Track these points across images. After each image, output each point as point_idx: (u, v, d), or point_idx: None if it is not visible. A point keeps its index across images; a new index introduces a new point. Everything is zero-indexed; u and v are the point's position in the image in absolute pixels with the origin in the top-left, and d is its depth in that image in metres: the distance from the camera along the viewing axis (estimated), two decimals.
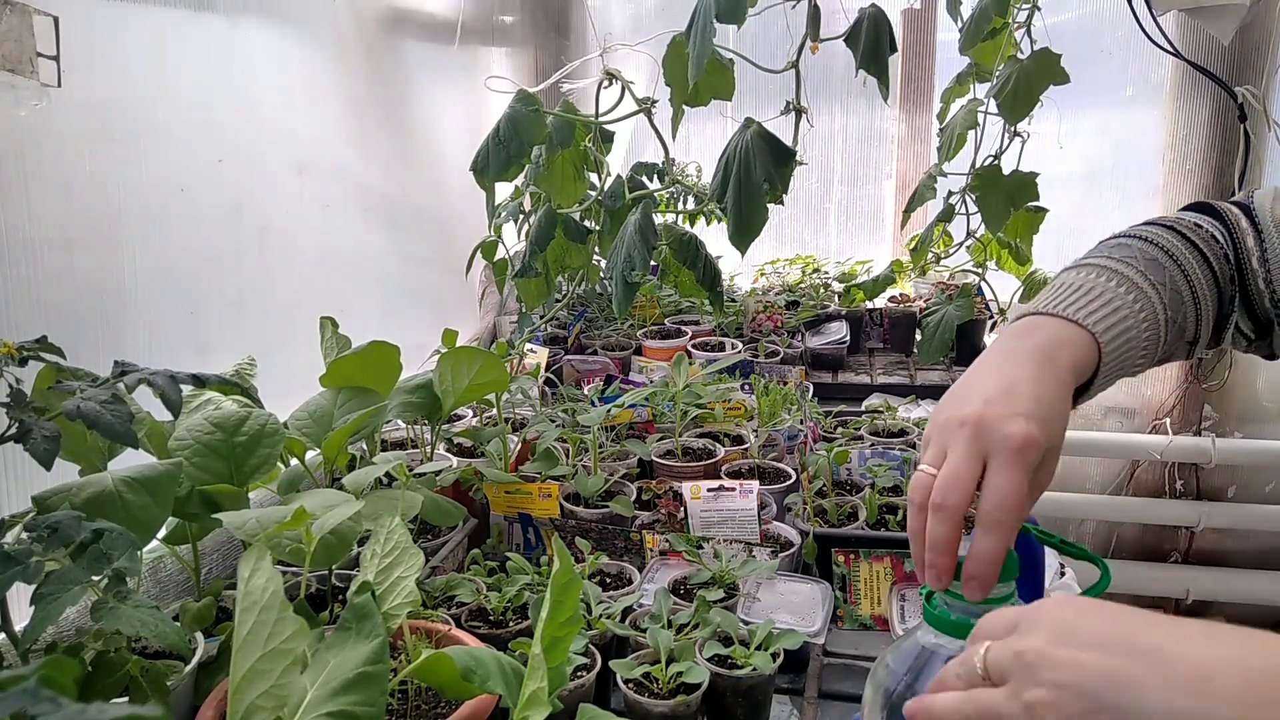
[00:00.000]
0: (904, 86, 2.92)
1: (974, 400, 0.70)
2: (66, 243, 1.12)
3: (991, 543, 0.66)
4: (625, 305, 1.56)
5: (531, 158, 1.66)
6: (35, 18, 1.00)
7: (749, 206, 1.42)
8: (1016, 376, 0.71)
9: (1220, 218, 0.88)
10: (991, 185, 2.22)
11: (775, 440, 1.65)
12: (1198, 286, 0.83)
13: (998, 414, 0.68)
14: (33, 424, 0.80)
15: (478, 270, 2.30)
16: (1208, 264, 0.84)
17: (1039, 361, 0.73)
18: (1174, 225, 0.86)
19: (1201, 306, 0.83)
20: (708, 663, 1.01)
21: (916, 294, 2.58)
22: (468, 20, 2.27)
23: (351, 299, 1.80)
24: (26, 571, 0.74)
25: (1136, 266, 0.81)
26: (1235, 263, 0.85)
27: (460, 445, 1.67)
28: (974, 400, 0.70)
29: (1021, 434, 0.67)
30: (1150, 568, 2.61)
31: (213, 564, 1.25)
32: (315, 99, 1.68)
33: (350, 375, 1.26)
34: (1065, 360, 0.74)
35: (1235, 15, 2.05)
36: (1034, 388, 0.70)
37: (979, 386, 0.72)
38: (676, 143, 1.67)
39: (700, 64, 1.41)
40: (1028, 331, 0.77)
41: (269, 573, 0.72)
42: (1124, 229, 0.89)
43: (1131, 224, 0.90)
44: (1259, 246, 0.85)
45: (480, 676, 0.79)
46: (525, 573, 1.20)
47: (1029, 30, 2.15)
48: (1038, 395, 0.70)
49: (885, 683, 0.69)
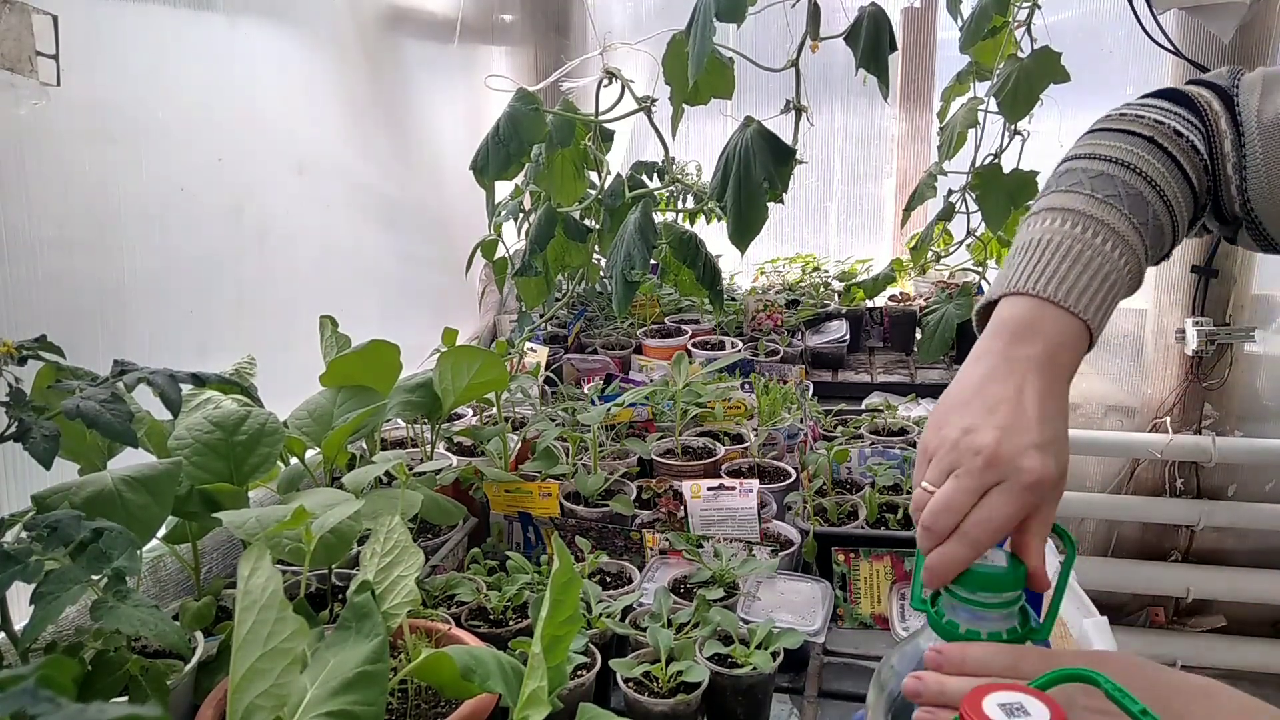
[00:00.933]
0: (904, 85, 2.92)
1: (986, 425, 0.67)
2: (66, 242, 1.12)
3: (959, 552, 0.65)
4: (625, 304, 1.56)
5: (531, 156, 1.66)
6: (34, 16, 1.00)
7: (749, 205, 1.42)
8: (1026, 396, 0.68)
9: (1198, 113, 0.83)
10: (992, 184, 2.22)
11: (775, 439, 1.65)
12: (1178, 213, 0.79)
13: (1015, 448, 0.66)
14: (32, 423, 0.80)
15: (478, 269, 2.30)
16: (1188, 182, 0.80)
17: (1046, 377, 0.69)
18: (1153, 137, 0.80)
19: (1179, 232, 0.80)
20: (708, 662, 1.01)
21: (916, 293, 2.58)
22: (467, 19, 2.27)
23: (351, 299, 1.80)
24: (26, 571, 0.74)
25: (1120, 209, 0.76)
26: (1209, 169, 0.82)
27: (460, 444, 1.67)
28: (986, 425, 0.67)
29: (1036, 472, 0.65)
30: (1150, 566, 2.60)
31: (213, 563, 1.25)
32: (315, 99, 1.68)
33: (350, 374, 1.26)
34: (1066, 364, 0.71)
35: (1235, 14, 2.05)
36: (1043, 408, 0.68)
37: (987, 402, 0.69)
38: (676, 141, 1.67)
39: (700, 62, 1.41)
40: (1025, 335, 0.72)
41: (269, 572, 0.72)
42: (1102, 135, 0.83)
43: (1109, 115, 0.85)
44: (1235, 151, 0.81)
45: (480, 676, 0.79)
46: (525, 572, 1.20)
47: (1029, 29, 2.15)
48: (1048, 417, 0.67)
49: (890, 685, 0.69)
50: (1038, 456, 0.65)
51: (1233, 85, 0.84)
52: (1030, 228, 0.78)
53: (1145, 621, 2.67)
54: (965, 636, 0.65)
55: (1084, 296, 0.72)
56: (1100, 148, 0.81)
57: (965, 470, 0.66)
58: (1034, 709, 0.55)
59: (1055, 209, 0.77)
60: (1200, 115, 0.83)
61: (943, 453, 0.69)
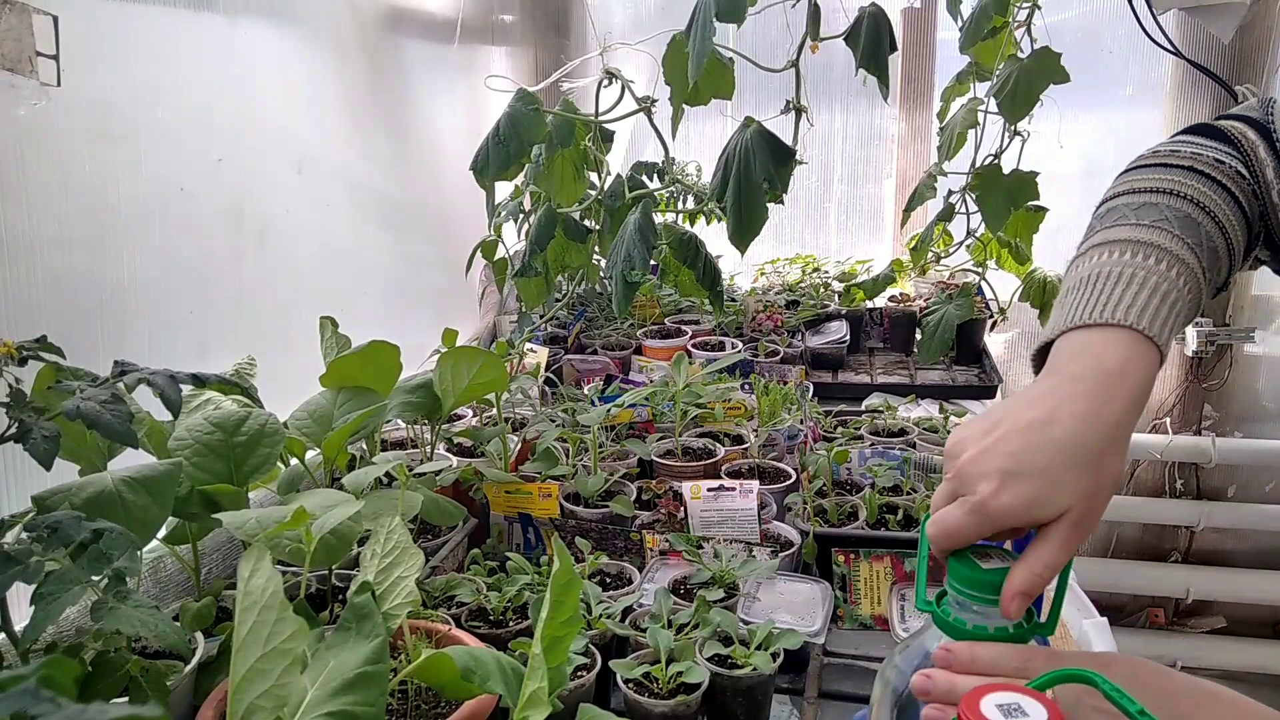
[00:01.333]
0: (904, 86, 2.91)
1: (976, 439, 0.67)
2: (66, 242, 1.12)
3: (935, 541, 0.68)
4: (625, 304, 1.56)
5: (531, 157, 1.66)
6: (35, 17, 1.00)
7: (749, 206, 1.42)
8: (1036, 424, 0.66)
9: (1234, 144, 0.80)
10: (991, 184, 2.22)
11: (775, 440, 1.65)
12: (1232, 236, 0.77)
13: (978, 470, 0.66)
14: (32, 424, 0.80)
15: (478, 270, 2.30)
16: (1238, 205, 0.77)
17: (1093, 401, 0.66)
18: (1193, 165, 0.78)
19: (1235, 255, 0.78)
20: (708, 662, 1.01)
21: (916, 293, 2.58)
22: (467, 19, 2.27)
23: (351, 299, 1.80)
24: (26, 571, 0.74)
25: (1171, 230, 0.73)
26: (1257, 195, 0.79)
27: (460, 445, 1.67)
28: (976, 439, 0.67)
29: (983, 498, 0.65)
30: (1150, 567, 2.61)
31: (213, 564, 1.25)
32: (315, 99, 1.68)
33: (350, 375, 1.26)
34: (1129, 386, 0.67)
35: (1235, 14, 2.05)
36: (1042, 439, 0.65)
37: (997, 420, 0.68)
38: (676, 142, 1.67)
39: (700, 63, 1.41)
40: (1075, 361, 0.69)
41: (269, 573, 0.72)
42: (1138, 172, 0.80)
43: (1142, 156, 0.82)
44: (1279, 179, 0.79)
45: (480, 676, 0.79)
46: (525, 573, 1.20)
47: (1029, 29, 2.15)
48: (1039, 449, 0.65)
49: (894, 683, 0.69)
50: (994, 484, 0.64)
51: (1267, 116, 0.82)
52: (1077, 269, 0.75)
53: (1145, 622, 2.68)
54: (972, 632, 0.66)
55: (1144, 314, 0.69)
56: (1139, 182, 0.79)
57: (945, 475, 0.70)
58: (1032, 709, 0.55)
59: (1100, 245, 0.75)
60: (1236, 146, 0.81)
61: (950, 453, 0.71)
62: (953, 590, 0.68)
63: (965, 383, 2.26)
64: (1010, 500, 0.64)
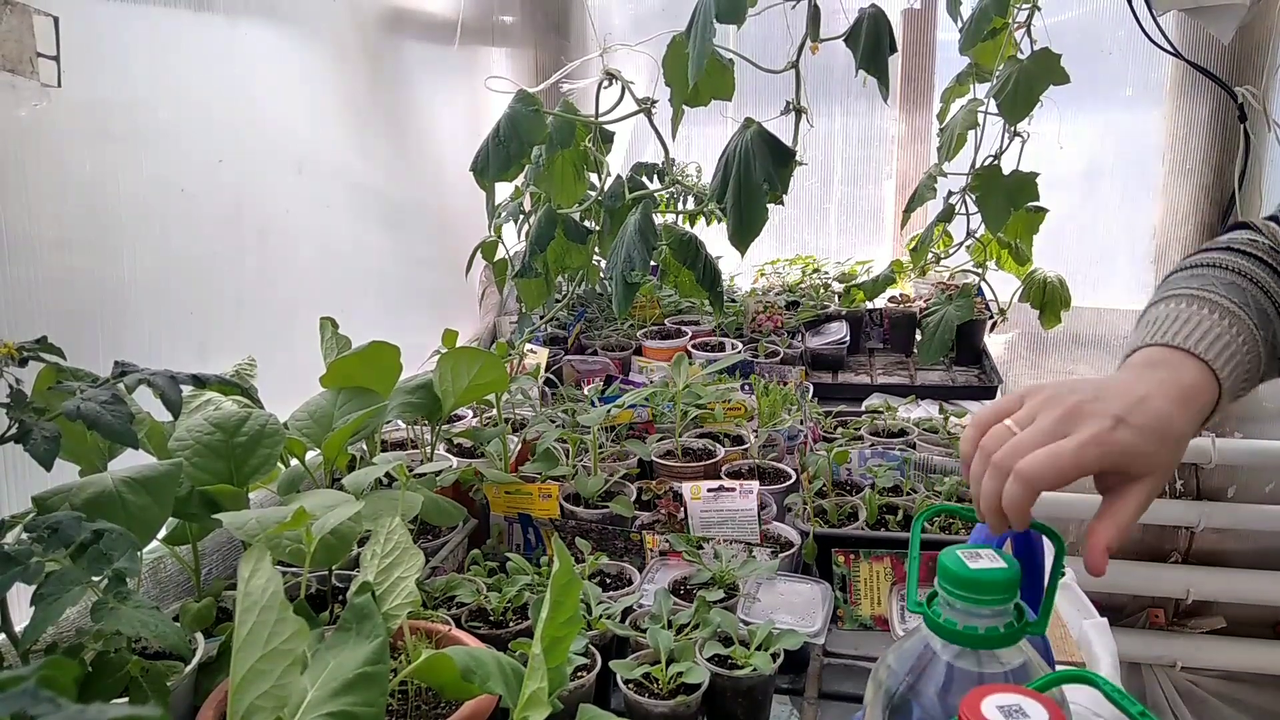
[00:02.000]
0: (904, 86, 2.91)
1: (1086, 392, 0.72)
2: (66, 243, 1.12)
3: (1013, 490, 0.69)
4: (625, 305, 1.56)
5: (531, 158, 1.66)
6: (35, 18, 1.00)
7: (749, 207, 1.42)
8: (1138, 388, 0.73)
9: (1260, 232, 0.87)
10: (991, 185, 2.22)
11: (775, 440, 1.65)
12: (1277, 299, 0.83)
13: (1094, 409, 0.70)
14: (33, 424, 0.80)
15: (478, 270, 2.30)
16: (1276, 274, 0.84)
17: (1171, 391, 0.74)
18: (1229, 245, 0.86)
19: None
20: (708, 663, 1.01)
21: (916, 294, 2.58)
22: (468, 20, 2.27)
23: (351, 299, 1.80)
24: (26, 572, 0.74)
25: (1219, 291, 0.81)
26: None
27: (460, 445, 1.67)
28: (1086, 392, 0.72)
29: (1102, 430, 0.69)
30: (1150, 568, 2.60)
31: (213, 564, 1.25)
32: (315, 99, 1.68)
33: (350, 375, 1.26)
34: (1193, 397, 0.75)
35: (1235, 15, 2.05)
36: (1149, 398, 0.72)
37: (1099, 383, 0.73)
38: (676, 143, 1.67)
39: (700, 64, 1.41)
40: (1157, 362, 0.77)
41: (269, 573, 0.72)
42: (1182, 260, 0.89)
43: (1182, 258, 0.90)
44: None
45: (480, 677, 0.79)
46: (525, 573, 1.20)
47: (1029, 30, 2.15)
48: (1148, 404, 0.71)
49: (887, 683, 0.69)
50: (1110, 420, 0.69)
51: None
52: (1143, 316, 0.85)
53: (1145, 623, 2.67)
54: (962, 633, 0.66)
55: (1212, 348, 0.77)
56: (1185, 264, 0.87)
57: (1047, 416, 0.71)
58: (1032, 710, 0.55)
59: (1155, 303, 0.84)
60: (1265, 233, 0.88)
61: (1039, 400, 0.73)
62: (943, 590, 0.67)
63: (965, 383, 2.27)
64: (1127, 439, 0.69)
